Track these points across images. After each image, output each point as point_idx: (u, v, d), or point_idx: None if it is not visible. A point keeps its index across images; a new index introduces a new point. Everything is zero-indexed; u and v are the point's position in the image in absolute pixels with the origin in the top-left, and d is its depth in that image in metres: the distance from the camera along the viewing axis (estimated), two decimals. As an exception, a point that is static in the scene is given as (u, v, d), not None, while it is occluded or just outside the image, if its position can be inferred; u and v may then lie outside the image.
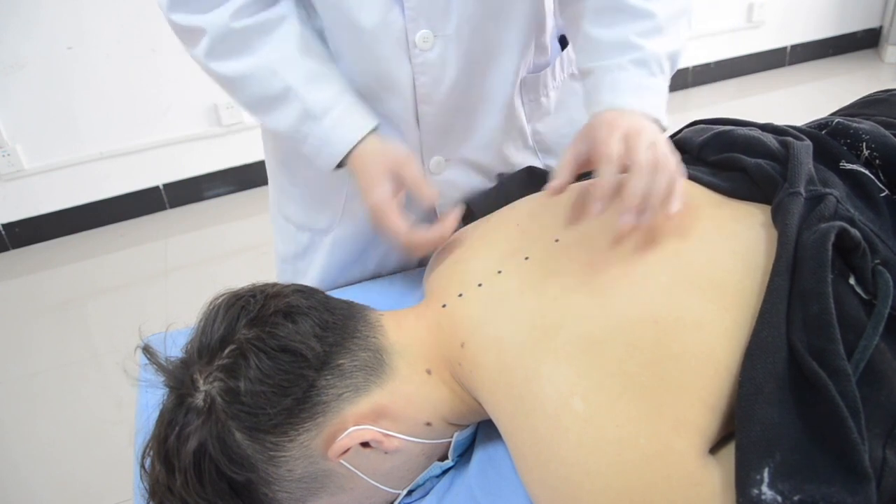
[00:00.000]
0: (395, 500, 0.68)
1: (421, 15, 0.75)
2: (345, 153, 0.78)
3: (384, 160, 0.78)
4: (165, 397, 0.62)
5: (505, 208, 0.83)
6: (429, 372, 0.67)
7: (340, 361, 0.62)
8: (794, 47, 3.37)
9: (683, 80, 3.25)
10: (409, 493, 0.68)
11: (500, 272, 0.70)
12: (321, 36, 0.81)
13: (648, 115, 0.69)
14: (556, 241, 0.70)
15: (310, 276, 0.99)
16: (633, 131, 0.66)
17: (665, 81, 0.72)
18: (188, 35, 0.78)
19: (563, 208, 0.72)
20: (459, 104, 0.83)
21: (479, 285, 0.70)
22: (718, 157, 0.75)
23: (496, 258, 0.72)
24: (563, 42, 0.95)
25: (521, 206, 0.81)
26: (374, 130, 0.79)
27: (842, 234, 0.59)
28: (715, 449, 0.56)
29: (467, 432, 0.70)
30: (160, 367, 0.62)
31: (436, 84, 0.80)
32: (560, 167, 0.70)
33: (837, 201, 0.64)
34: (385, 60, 0.77)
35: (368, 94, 0.82)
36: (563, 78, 0.95)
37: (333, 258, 0.98)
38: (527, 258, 0.70)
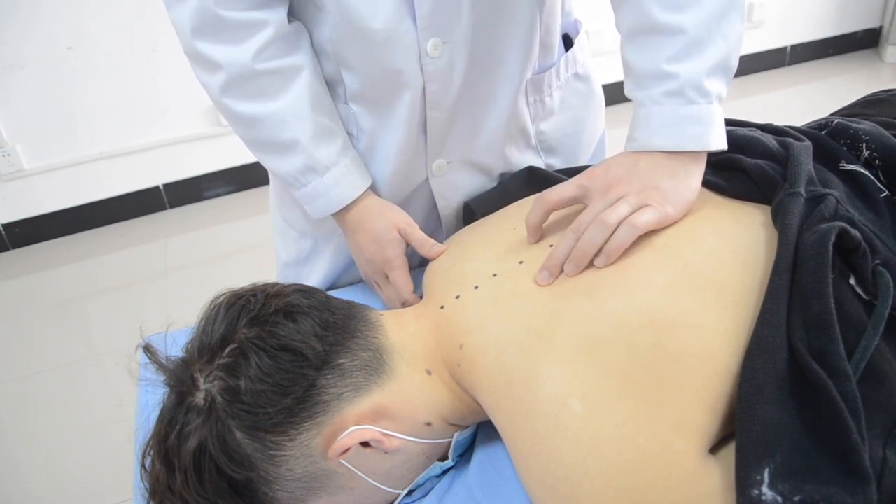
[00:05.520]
0: (395, 500, 0.68)
1: (432, 23, 0.75)
2: (340, 207, 0.83)
3: (391, 217, 0.83)
4: (166, 396, 0.62)
5: (502, 210, 0.83)
6: (429, 372, 0.67)
7: (341, 361, 0.62)
8: (794, 47, 3.36)
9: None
10: (410, 493, 0.69)
11: (495, 275, 0.70)
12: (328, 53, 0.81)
13: (685, 149, 0.67)
14: (551, 246, 0.70)
15: (312, 280, 0.99)
16: (626, 192, 0.66)
17: (709, 103, 0.68)
18: (207, 64, 0.77)
19: (559, 211, 0.72)
20: (466, 107, 0.84)
21: (476, 287, 0.70)
22: (718, 157, 0.75)
23: (492, 261, 0.72)
24: (568, 41, 0.95)
25: (518, 209, 0.81)
26: (367, 188, 0.84)
27: (842, 234, 0.59)
28: (715, 449, 0.56)
29: (467, 432, 0.70)
30: (160, 366, 0.62)
31: (445, 90, 0.80)
32: (535, 211, 0.71)
33: (837, 202, 0.64)
34: (397, 69, 0.77)
35: (375, 101, 0.82)
36: (566, 77, 0.94)
37: (336, 262, 0.98)
38: (521, 262, 0.70)
